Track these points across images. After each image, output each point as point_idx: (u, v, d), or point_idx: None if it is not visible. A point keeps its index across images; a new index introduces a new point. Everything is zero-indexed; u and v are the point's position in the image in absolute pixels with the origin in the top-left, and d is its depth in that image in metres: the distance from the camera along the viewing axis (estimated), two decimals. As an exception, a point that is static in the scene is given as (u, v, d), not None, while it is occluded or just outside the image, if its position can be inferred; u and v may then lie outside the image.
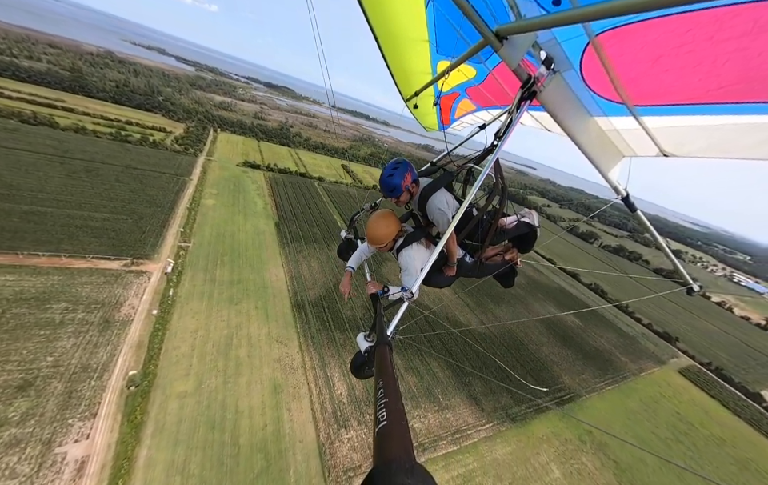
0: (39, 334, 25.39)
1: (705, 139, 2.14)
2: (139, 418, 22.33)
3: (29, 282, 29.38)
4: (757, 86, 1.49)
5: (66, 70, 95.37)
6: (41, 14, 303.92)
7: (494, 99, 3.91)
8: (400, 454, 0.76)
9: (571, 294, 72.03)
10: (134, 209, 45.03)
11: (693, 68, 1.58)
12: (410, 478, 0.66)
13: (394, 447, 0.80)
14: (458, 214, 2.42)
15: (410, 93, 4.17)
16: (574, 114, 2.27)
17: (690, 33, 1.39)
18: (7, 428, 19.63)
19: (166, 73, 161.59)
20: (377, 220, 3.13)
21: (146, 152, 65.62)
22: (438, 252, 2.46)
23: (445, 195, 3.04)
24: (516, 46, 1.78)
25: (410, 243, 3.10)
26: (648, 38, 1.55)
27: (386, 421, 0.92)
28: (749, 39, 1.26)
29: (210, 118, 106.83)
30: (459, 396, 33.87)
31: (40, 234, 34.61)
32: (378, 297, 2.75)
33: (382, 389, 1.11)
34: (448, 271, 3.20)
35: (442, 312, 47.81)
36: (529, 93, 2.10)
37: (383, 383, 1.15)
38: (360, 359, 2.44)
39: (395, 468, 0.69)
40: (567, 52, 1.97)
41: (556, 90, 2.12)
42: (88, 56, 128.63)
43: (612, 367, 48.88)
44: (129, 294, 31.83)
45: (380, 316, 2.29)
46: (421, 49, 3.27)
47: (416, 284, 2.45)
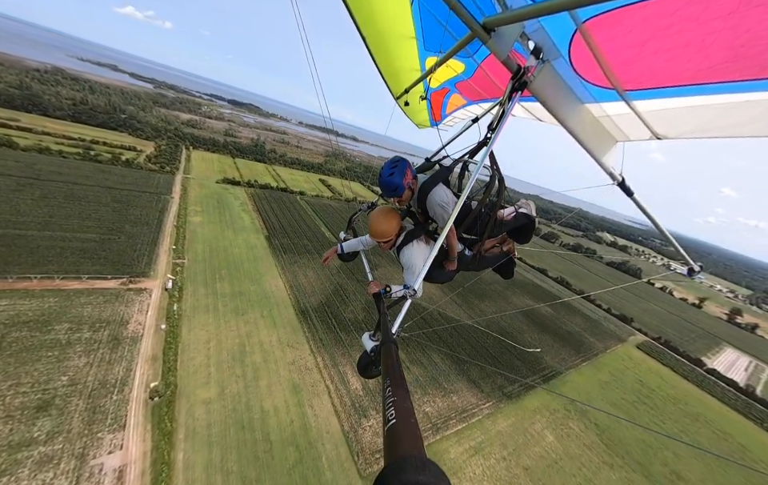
0: (47, 356, 24.51)
1: (696, 120, 2.14)
2: (169, 425, 22.58)
3: (23, 305, 27.95)
4: (745, 64, 1.49)
5: (13, 87, 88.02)
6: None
7: (484, 93, 3.86)
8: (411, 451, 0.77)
9: (542, 288, 79.76)
10: (121, 228, 43.58)
11: (681, 49, 1.58)
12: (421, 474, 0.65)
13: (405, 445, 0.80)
14: (457, 208, 2.40)
15: (399, 90, 4.16)
16: (566, 102, 2.26)
17: (676, 13, 1.39)
18: (35, 447, 19.16)
19: (124, 90, 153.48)
20: (380, 215, 3.10)
21: (120, 171, 62.87)
22: (439, 247, 2.44)
23: (444, 190, 3.01)
24: (504, 38, 1.76)
25: (410, 241, 3.07)
26: (635, 21, 1.55)
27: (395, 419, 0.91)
28: (736, 17, 1.27)
29: (180, 136, 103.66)
30: (460, 381, 37.13)
31: (25, 258, 32.75)
32: (380, 296, 2.69)
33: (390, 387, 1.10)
34: (449, 266, 3.15)
35: (436, 310, 51.36)
36: (519, 83, 2.09)
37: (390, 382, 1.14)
38: (366, 359, 2.40)
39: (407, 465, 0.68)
40: (555, 40, 1.97)
41: (546, 79, 2.11)
42: (35, 72, 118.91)
43: (583, 347, 55.44)
44: (133, 311, 31.29)
45: (384, 315, 2.24)
46: (408, 46, 3.25)
47: (418, 281, 2.42)
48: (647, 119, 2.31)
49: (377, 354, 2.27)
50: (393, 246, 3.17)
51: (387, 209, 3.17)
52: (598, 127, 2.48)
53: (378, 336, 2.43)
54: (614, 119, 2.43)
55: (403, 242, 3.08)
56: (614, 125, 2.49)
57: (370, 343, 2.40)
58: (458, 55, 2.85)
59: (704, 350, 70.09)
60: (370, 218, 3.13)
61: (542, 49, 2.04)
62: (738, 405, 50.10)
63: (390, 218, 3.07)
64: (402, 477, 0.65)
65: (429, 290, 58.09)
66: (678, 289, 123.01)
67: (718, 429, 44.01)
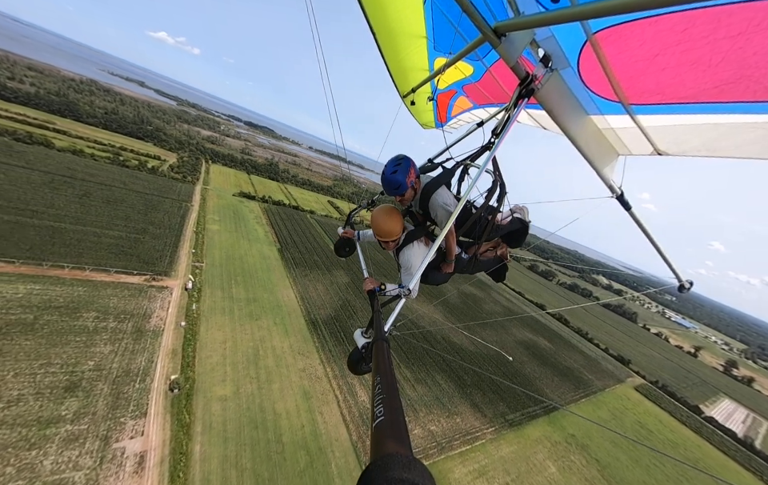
0: (76, 340, 25.65)
1: (698, 138, 2.14)
2: (187, 418, 23.33)
3: (54, 291, 29.40)
4: (751, 85, 1.49)
5: (52, 93, 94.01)
6: (15, 37, 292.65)
7: (491, 97, 3.86)
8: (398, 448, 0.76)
9: (541, 323, 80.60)
10: (146, 229, 45.73)
11: (689, 66, 1.58)
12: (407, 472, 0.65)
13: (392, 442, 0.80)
14: (457, 210, 2.40)
15: (406, 89, 4.16)
16: (571, 112, 2.26)
17: (686, 31, 1.39)
18: (63, 425, 19.97)
19: (151, 104, 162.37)
20: (385, 214, 3.02)
21: (145, 177, 66.19)
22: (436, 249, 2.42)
23: (447, 192, 3.00)
24: (514, 43, 1.76)
25: (410, 242, 3.03)
26: (645, 36, 1.54)
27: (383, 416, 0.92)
28: (744, 39, 1.27)
29: (201, 150, 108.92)
30: (463, 404, 37.57)
31: (58, 248, 34.59)
32: (375, 294, 2.63)
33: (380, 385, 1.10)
34: (446, 268, 3.13)
35: (439, 333, 52.31)
36: (527, 90, 2.08)
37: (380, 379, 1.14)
38: (357, 355, 2.35)
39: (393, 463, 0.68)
40: (565, 50, 1.97)
41: (553, 88, 2.11)
42: (71, 82, 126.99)
43: (583, 383, 55.69)
44: (155, 306, 32.61)
45: (377, 313, 2.20)
46: (418, 45, 3.26)
47: (413, 281, 2.42)
48: (650, 134, 2.32)
49: (368, 351, 2.23)
50: (396, 245, 3.07)
51: (391, 208, 3.10)
52: (602, 139, 2.50)
53: (370, 333, 2.42)
54: (618, 132, 2.45)
55: (403, 243, 3.03)
56: (617, 138, 2.51)
57: (362, 340, 2.37)
58: (467, 58, 2.88)
59: (701, 397, 69.83)
60: (375, 216, 3.05)
61: (551, 57, 2.07)
62: (738, 456, 49.65)
63: (396, 218, 3.02)
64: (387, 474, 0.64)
65: (432, 315, 59.20)
66: (673, 336, 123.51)
67: (718, 477, 43.52)
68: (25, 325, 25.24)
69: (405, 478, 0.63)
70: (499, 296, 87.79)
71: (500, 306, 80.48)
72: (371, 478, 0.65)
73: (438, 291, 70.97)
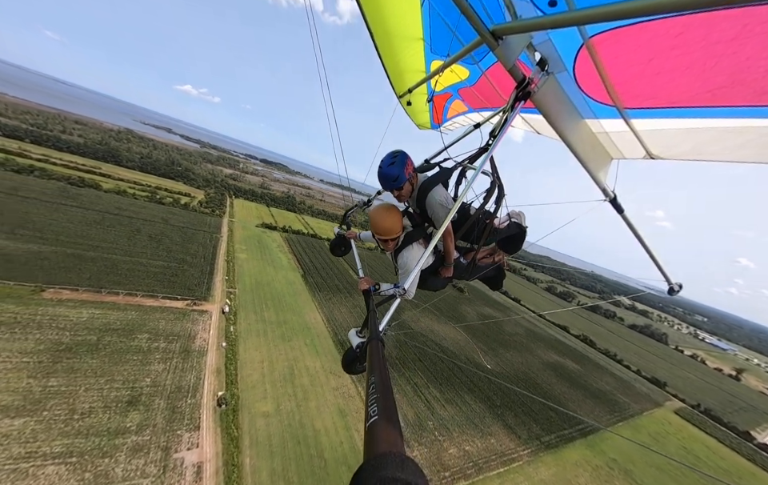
0: (133, 359, 27.74)
1: (690, 142, 2.16)
2: (235, 432, 24.45)
3: (112, 315, 32.09)
4: (743, 90, 1.51)
5: (97, 143, 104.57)
6: (63, 97, 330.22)
7: (486, 101, 3.84)
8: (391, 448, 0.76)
9: (565, 344, 78.25)
10: (184, 259, 49.19)
11: (683, 71, 1.59)
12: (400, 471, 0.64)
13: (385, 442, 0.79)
14: (455, 208, 2.38)
15: (403, 90, 4.16)
16: (567, 115, 2.27)
17: (681, 36, 1.40)
18: (129, 436, 21.52)
19: (179, 148, 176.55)
20: (385, 211, 2.95)
21: (179, 212, 71.53)
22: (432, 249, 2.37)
23: (444, 191, 2.95)
24: (511, 47, 1.77)
25: (409, 243, 2.96)
26: (641, 40, 1.56)
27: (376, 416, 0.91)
28: (737, 43, 1.29)
29: (225, 187, 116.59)
30: (496, 425, 36.91)
31: (113, 277, 37.90)
32: (370, 293, 2.61)
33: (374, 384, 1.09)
34: (445, 272, 3.09)
35: (463, 354, 52.02)
36: (523, 93, 2.10)
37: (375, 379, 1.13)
38: (352, 355, 2.31)
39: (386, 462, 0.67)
40: (561, 54, 1.99)
41: (549, 92, 2.12)
42: (111, 132, 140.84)
43: (618, 406, 53.20)
44: (198, 328, 34.75)
45: (372, 312, 2.17)
46: (415, 47, 3.26)
47: (409, 280, 2.37)
48: (644, 138, 2.36)
49: (363, 350, 2.18)
50: (395, 245, 2.99)
51: (390, 205, 3.04)
52: (596, 143, 2.52)
53: (364, 333, 2.37)
54: (612, 136, 2.48)
55: (402, 245, 2.97)
56: (611, 142, 2.53)
57: (357, 339, 2.33)
58: (463, 61, 2.90)
59: (751, 423, 64.64)
60: (374, 214, 2.97)
61: (547, 61, 2.08)
62: (803, 485, 45.36)
63: (395, 215, 2.95)
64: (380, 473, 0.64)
65: (455, 337, 58.98)
66: (710, 358, 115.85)
67: (783, 508, 39.83)
68: (90, 345, 27.64)
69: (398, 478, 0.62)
70: (519, 318, 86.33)
71: (522, 327, 79.10)
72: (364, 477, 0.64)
73: (459, 315, 70.91)
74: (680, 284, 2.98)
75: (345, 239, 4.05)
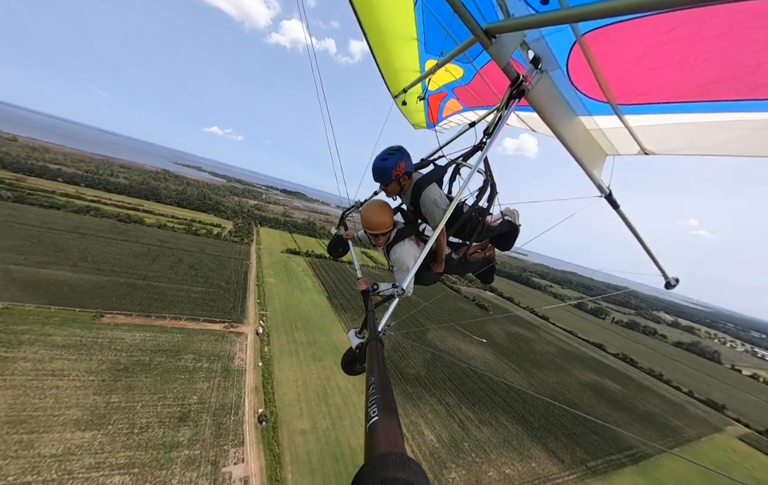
0: (181, 378, 29.59)
1: (684, 137, 2.19)
2: (276, 448, 25.14)
3: (161, 337, 34.60)
4: (733, 84, 1.53)
5: (139, 183, 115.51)
6: (108, 145, 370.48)
7: (481, 100, 3.87)
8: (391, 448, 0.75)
9: (603, 363, 73.38)
10: (219, 284, 52.32)
11: (674, 67, 1.63)
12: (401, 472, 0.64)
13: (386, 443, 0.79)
14: (450, 209, 2.36)
15: (398, 89, 4.18)
16: (561, 113, 2.28)
17: (672, 32, 1.42)
18: (182, 450, 22.80)
19: (208, 184, 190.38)
20: (375, 206, 3.04)
21: (212, 242, 76.56)
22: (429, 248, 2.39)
23: (438, 189, 2.98)
24: (505, 45, 1.77)
25: (401, 239, 3.02)
26: (633, 37, 1.58)
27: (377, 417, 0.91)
28: (727, 39, 1.31)
29: (251, 216, 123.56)
30: (536, 448, 35.08)
31: (160, 303, 41.07)
32: (369, 294, 2.65)
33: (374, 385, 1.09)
34: (436, 268, 3.10)
35: (493, 373, 50.33)
36: (517, 91, 2.10)
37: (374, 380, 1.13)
38: (351, 356, 2.32)
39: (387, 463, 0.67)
40: (554, 51, 2.00)
41: (543, 89, 2.12)
42: (150, 173, 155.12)
43: (670, 430, 48.75)
44: (236, 349, 36.52)
45: (371, 313, 2.18)
46: (409, 47, 3.26)
47: (407, 280, 2.38)
48: (637, 134, 2.38)
49: (362, 351, 2.18)
50: (387, 241, 3.06)
51: (381, 202, 3.13)
52: (590, 140, 2.54)
53: (364, 333, 2.39)
54: (606, 133, 2.50)
55: (394, 240, 3.03)
56: (605, 138, 2.56)
57: (356, 340, 2.33)
58: (457, 60, 2.93)
59: (837, 452, 56.48)
60: (364, 210, 3.07)
61: (540, 59, 2.10)
62: None
63: (385, 210, 3.03)
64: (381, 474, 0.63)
65: (483, 356, 57.29)
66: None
67: None
68: (143, 365, 29.90)
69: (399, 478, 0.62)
70: (550, 336, 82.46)
71: (553, 346, 75.39)
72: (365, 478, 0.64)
73: (485, 333, 69.07)
74: (677, 278, 2.98)
75: (342, 240, 4.05)
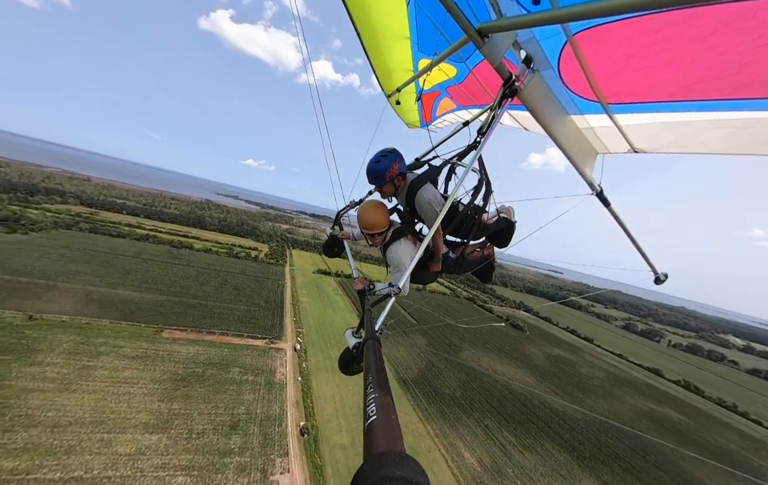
0: (230, 389, 31.71)
1: (672, 135, 2.24)
2: (319, 461, 25.80)
3: (211, 351, 37.50)
4: (719, 84, 1.57)
5: (187, 213, 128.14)
6: (161, 180, 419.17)
7: (474, 99, 3.87)
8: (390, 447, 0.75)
9: (660, 390, 65.84)
10: (259, 303, 55.72)
11: (662, 67, 1.67)
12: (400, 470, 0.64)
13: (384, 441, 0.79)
14: (445, 208, 2.36)
15: (391, 89, 4.13)
16: (553, 112, 2.31)
17: (660, 32, 1.45)
18: (234, 456, 24.30)
19: (245, 211, 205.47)
20: (371, 206, 3.05)
21: (251, 264, 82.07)
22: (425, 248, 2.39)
23: (433, 189, 2.96)
24: (497, 45, 1.79)
25: (397, 239, 3.00)
26: (622, 37, 1.61)
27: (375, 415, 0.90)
28: (713, 40, 1.34)
29: (284, 239, 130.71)
30: (589, 480, 32.31)
31: (209, 320, 44.72)
32: (365, 293, 2.63)
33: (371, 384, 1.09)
34: (433, 267, 3.12)
35: (534, 397, 47.43)
36: (510, 90, 2.12)
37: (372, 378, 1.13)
38: (348, 356, 2.32)
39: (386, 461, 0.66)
40: (546, 51, 2.02)
41: (535, 89, 2.14)
42: (196, 203, 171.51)
43: (753, 471, 42.16)
44: (276, 364, 38.40)
45: (368, 312, 2.17)
46: (402, 46, 3.26)
47: (403, 279, 2.38)
48: (627, 133, 2.41)
49: (359, 351, 2.17)
50: (383, 241, 3.05)
51: (377, 202, 3.11)
52: (581, 139, 2.59)
53: (361, 333, 2.39)
54: (597, 131, 2.55)
55: (390, 240, 3.01)
56: (596, 137, 2.61)
57: (353, 340, 2.33)
58: (450, 59, 2.94)
59: None
60: (360, 210, 3.07)
61: (532, 59, 2.11)
62: None
63: (381, 210, 3.03)
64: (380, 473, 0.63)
65: (521, 377, 54.23)
66: None
67: None
68: (197, 376, 32.54)
69: (398, 476, 0.62)
70: (596, 359, 76.02)
71: (600, 369, 69.36)
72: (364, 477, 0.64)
73: (523, 355, 65.57)
74: (665, 273, 3.02)
75: (338, 240, 4.05)
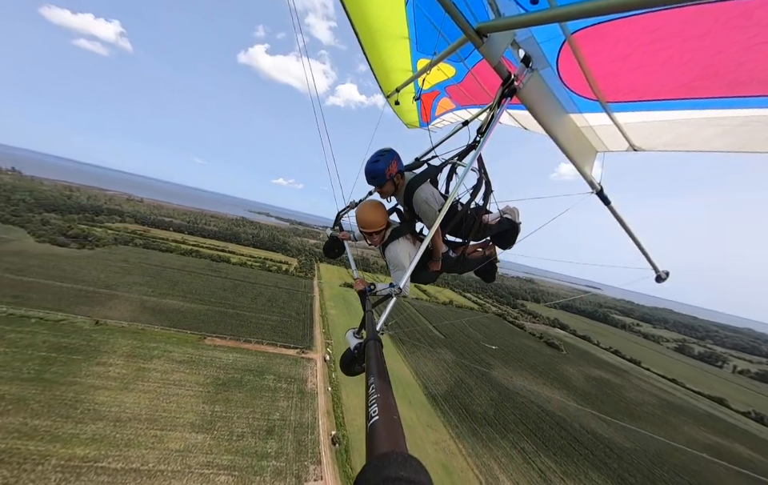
0: (266, 396, 33.18)
1: (671, 133, 2.26)
2: (351, 472, 25.98)
3: (247, 359, 39.61)
4: (717, 82, 1.59)
5: (224, 229, 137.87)
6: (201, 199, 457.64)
7: (473, 98, 3.87)
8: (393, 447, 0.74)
9: (724, 420, 58.01)
10: (290, 314, 58.03)
11: (660, 65, 1.68)
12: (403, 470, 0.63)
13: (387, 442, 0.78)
14: (445, 208, 2.36)
15: (390, 89, 4.13)
16: (552, 110, 2.31)
17: (657, 31, 1.47)
18: (270, 460, 25.28)
19: (276, 228, 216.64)
20: (368, 206, 3.07)
21: (282, 277, 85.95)
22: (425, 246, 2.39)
23: (431, 188, 2.96)
24: (496, 44, 1.79)
25: (396, 238, 2.99)
26: (620, 35, 1.62)
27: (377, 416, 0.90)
28: (709, 38, 1.35)
29: (312, 254, 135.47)
30: (642, 516, 29.13)
31: (246, 329, 47.42)
32: (366, 294, 2.62)
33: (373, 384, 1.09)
34: (433, 266, 3.09)
35: (575, 421, 44.10)
36: (509, 90, 2.11)
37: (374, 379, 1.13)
38: (350, 356, 2.27)
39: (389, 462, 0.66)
40: (544, 50, 2.02)
41: (534, 88, 2.14)
42: (232, 220, 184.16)
43: None
44: (308, 373, 39.56)
45: (369, 313, 2.17)
46: (401, 46, 3.26)
47: (403, 279, 2.39)
48: (626, 131, 2.42)
49: (360, 351, 2.14)
50: (382, 240, 3.06)
51: (375, 201, 3.13)
52: (581, 137, 2.60)
53: (362, 333, 2.32)
54: (596, 130, 2.56)
55: (389, 239, 3.01)
56: (595, 135, 2.62)
57: (354, 341, 2.27)
58: (449, 59, 2.94)
59: None
60: (359, 209, 3.08)
61: (531, 58, 2.12)
62: None
63: (379, 209, 3.04)
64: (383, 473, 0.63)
65: (559, 399, 50.72)
66: None
67: None
68: (236, 382, 34.47)
69: (401, 476, 0.62)
70: (645, 383, 69.10)
71: (650, 395, 62.90)
72: (367, 478, 0.64)
73: (560, 376, 61.48)
74: (667, 272, 3.01)
75: (338, 241, 4.05)
